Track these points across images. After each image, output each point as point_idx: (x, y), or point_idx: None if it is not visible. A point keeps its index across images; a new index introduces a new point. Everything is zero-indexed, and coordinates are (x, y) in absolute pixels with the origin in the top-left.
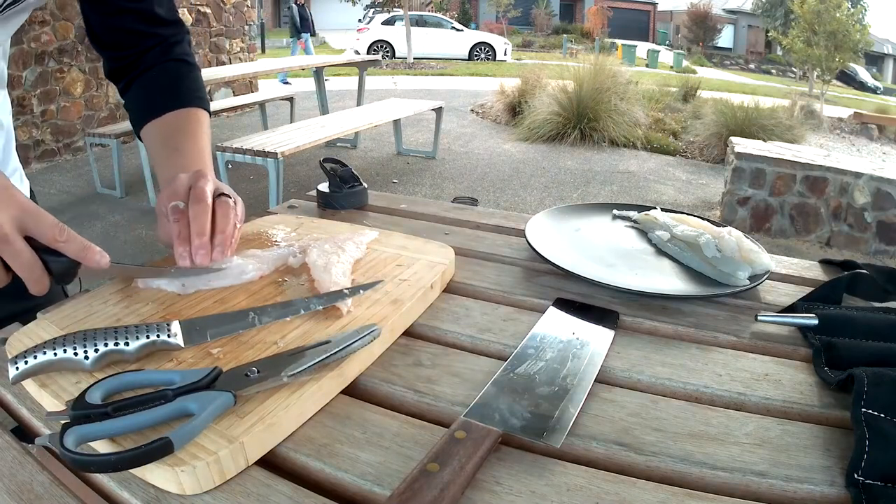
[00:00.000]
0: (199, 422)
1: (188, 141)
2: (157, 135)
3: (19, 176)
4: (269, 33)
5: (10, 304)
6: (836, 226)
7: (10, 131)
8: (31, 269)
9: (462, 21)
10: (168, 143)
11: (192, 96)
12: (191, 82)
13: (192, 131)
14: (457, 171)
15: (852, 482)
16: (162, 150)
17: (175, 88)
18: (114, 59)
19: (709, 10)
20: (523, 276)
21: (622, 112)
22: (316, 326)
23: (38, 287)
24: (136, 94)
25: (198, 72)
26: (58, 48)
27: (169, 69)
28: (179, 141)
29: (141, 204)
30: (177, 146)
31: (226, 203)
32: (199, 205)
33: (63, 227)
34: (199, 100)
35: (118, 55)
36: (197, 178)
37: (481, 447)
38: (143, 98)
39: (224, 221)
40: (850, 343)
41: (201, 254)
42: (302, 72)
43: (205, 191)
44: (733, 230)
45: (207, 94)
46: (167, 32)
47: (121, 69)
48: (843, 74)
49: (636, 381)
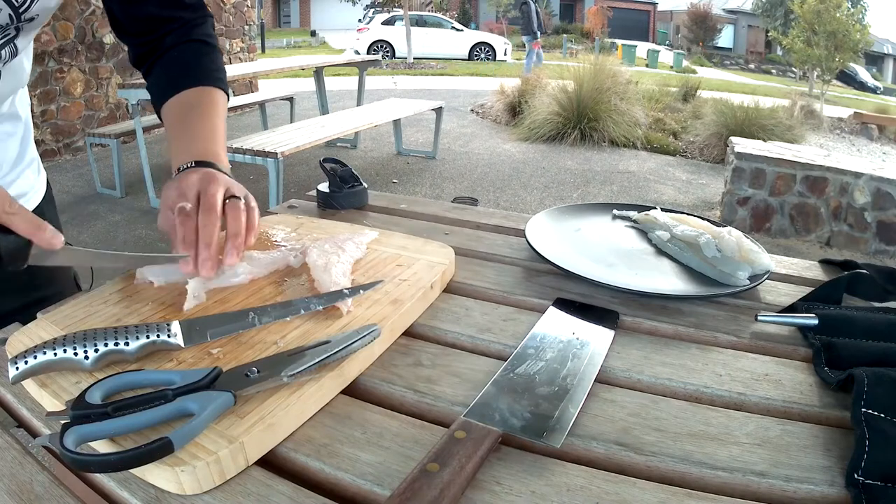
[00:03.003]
0: (199, 422)
1: (201, 120)
2: (172, 113)
3: (37, 166)
4: (269, 33)
5: (19, 297)
6: (836, 226)
7: (29, 124)
8: None
9: (462, 21)
10: (181, 122)
11: (210, 76)
12: (209, 62)
13: (205, 111)
14: (457, 171)
15: (852, 482)
16: (175, 128)
17: (192, 67)
18: (137, 46)
19: (709, 10)
20: (523, 276)
21: (622, 112)
22: (316, 326)
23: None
24: (156, 76)
25: (218, 53)
26: (58, 48)
27: (188, 49)
28: (192, 120)
29: (141, 204)
30: (189, 125)
31: (235, 205)
32: (209, 215)
33: (14, 201)
34: (217, 79)
35: (141, 41)
36: (208, 181)
37: (481, 447)
38: (162, 78)
39: (235, 224)
40: (850, 343)
41: (207, 265)
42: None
43: (215, 198)
44: (733, 230)
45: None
46: (189, 16)
47: (144, 55)
48: (843, 74)
49: (636, 381)
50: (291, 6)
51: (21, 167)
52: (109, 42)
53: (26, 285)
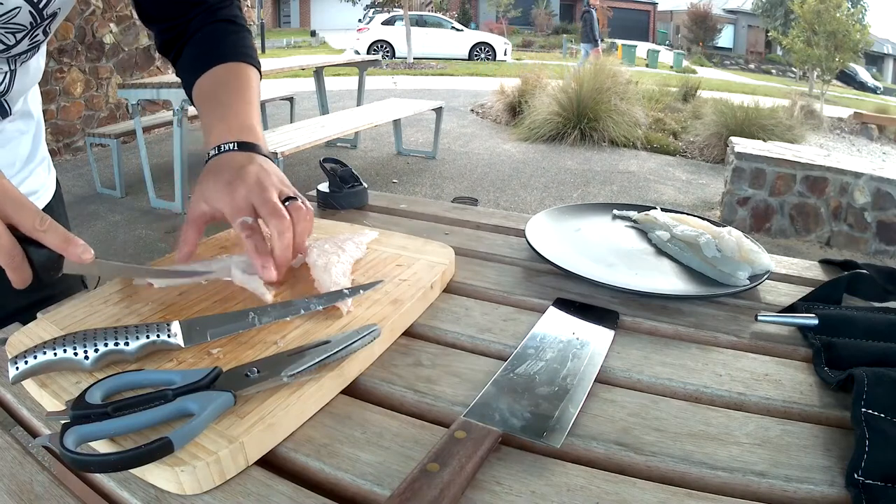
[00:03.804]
0: (199, 422)
1: (234, 95)
2: (204, 89)
3: (47, 165)
4: (269, 33)
5: (25, 296)
6: (836, 226)
7: (41, 122)
8: (10, 255)
9: (462, 21)
10: (214, 97)
11: (239, 52)
12: (239, 39)
13: (239, 85)
14: (457, 171)
15: (852, 482)
16: (208, 104)
17: (222, 45)
18: (163, 32)
19: (709, 10)
20: (523, 276)
21: (622, 112)
22: (316, 326)
23: (19, 276)
24: (185, 59)
25: (247, 32)
26: (58, 48)
27: (217, 29)
28: (226, 95)
29: (141, 204)
30: (223, 100)
31: (299, 208)
32: (281, 222)
33: (45, 217)
34: (248, 56)
35: (167, 26)
36: (261, 187)
37: (481, 447)
38: (191, 59)
39: (304, 226)
40: (850, 343)
41: (282, 270)
42: (302, 72)
43: (278, 206)
44: (733, 230)
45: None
46: None
47: (170, 41)
48: (843, 74)
49: (636, 381)
50: (291, 6)
51: (33, 165)
52: (109, 42)
53: (34, 284)
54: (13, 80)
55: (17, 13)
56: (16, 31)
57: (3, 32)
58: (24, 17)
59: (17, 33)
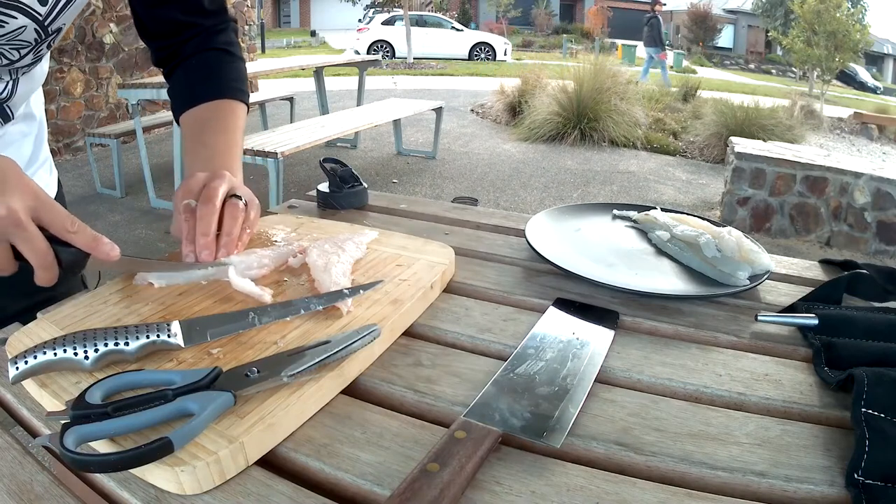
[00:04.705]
0: (199, 422)
1: (216, 136)
2: (189, 127)
3: (49, 166)
4: (269, 33)
5: (25, 298)
6: (836, 226)
7: (43, 124)
8: (43, 255)
9: (462, 21)
10: (197, 137)
11: (229, 87)
12: (230, 72)
13: (221, 126)
14: (457, 171)
15: (852, 482)
16: (190, 142)
17: (212, 78)
18: (159, 49)
19: (709, 10)
20: (523, 276)
21: (622, 112)
22: (316, 326)
23: (48, 275)
24: (176, 83)
25: (240, 62)
26: (58, 48)
27: (208, 59)
28: (208, 135)
29: (141, 204)
30: (205, 141)
31: (234, 205)
32: (206, 206)
33: (74, 219)
34: (236, 90)
35: (162, 44)
36: (212, 177)
37: (481, 447)
38: (182, 87)
39: (231, 223)
40: (850, 343)
41: (205, 253)
42: (302, 72)
43: (216, 191)
44: (733, 230)
45: (248, 86)
46: (210, 23)
47: (165, 59)
48: (843, 74)
49: (636, 381)
50: (291, 6)
51: (35, 166)
52: (109, 42)
53: (35, 285)
54: (16, 87)
55: (22, 31)
56: (20, 48)
57: (8, 49)
58: (29, 35)
59: (22, 49)
